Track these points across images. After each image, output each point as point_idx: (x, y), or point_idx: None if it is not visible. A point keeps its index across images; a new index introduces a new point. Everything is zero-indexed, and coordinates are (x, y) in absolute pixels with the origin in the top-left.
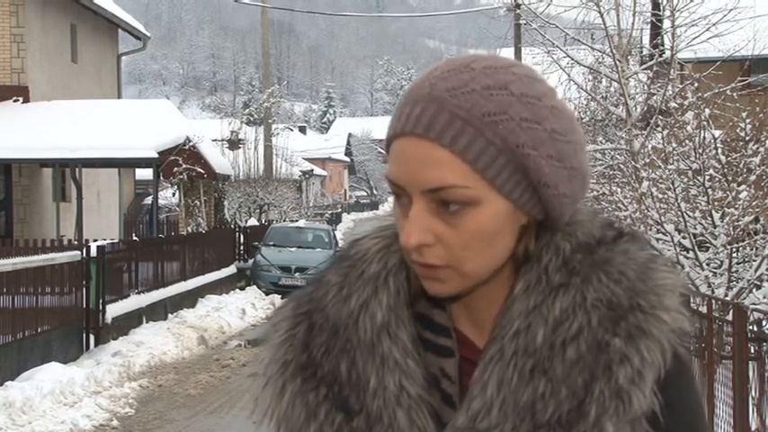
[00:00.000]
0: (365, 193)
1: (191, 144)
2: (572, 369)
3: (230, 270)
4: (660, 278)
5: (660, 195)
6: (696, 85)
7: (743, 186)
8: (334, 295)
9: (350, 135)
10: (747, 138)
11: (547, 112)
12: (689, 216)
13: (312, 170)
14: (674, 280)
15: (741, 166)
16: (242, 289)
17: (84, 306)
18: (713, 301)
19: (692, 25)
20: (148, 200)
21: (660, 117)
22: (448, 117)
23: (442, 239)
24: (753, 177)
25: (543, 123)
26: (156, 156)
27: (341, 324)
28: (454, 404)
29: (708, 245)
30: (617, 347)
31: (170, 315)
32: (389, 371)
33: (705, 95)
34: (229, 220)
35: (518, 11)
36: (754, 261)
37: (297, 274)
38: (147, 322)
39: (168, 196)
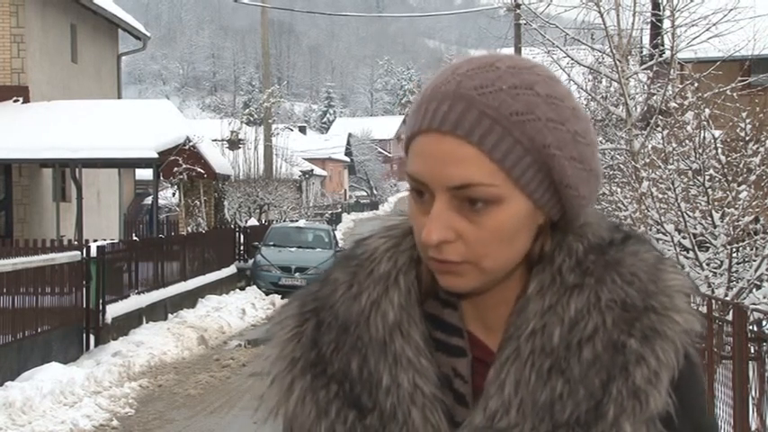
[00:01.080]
0: (365, 193)
1: (191, 144)
2: (589, 369)
3: (230, 270)
4: (669, 279)
5: (660, 195)
6: (696, 85)
7: (743, 186)
8: (343, 293)
9: (350, 135)
10: (747, 138)
11: (569, 114)
12: (689, 216)
13: (312, 170)
14: (683, 281)
15: (741, 166)
16: (242, 289)
17: (85, 306)
18: (713, 301)
19: (692, 25)
20: (148, 200)
21: (660, 117)
22: (477, 115)
23: (463, 236)
24: (753, 177)
25: (566, 124)
26: (156, 156)
27: (351, 322)
28: (467, 404)
29: (708, 245)
30: (633, 348)
31: (170, 315)
32: (403, 369)
33: (705, 95)
34: (229, 220)
35: (518, 11)
36: (754, 261)
37: (297, 274)
38: (147, 322)
39: (168, 196)
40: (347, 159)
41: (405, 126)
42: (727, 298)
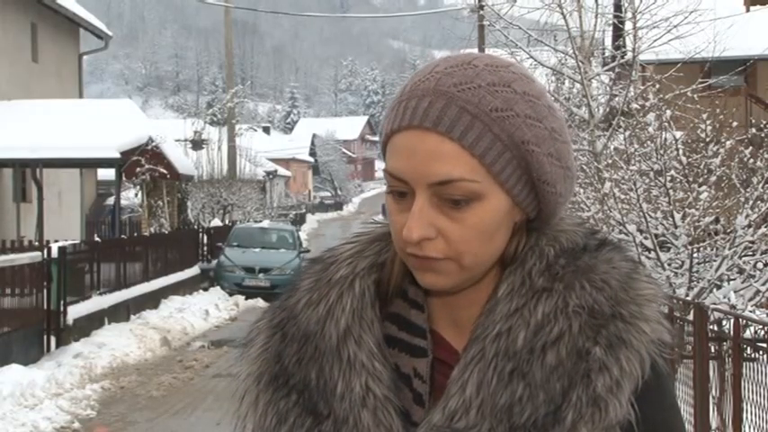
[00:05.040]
0: (329, 194)
1: (153, 144)
2: (551, 375)
3: (194, 271)
4: (642, 288)
5: (622, 196)
6: (657, 86)
7: (703, 187)
8: (306, 302)
9: (314, 135)
10: (708, 139)
11: (546, 111)
12: (650, 216)
13: (276, 171)
14: (655, 291)
15: (702, 166)
16: (205, 290)
17: (46, 307)
18: (674, 301)
19: (654, 27)
20: (111, 200)
21: (622, 118)
22: (457, 111)
23: (444, 233)
24: (713, 178)
25: (544, 122)
26: (119, 156)
27: (310, 331)
28: (424, 403)
29: (669, 245)
30: (597, 356)
31: (132, 316)
32: (356, 374)
33: (666, 97)
34: (193, 220)
35: (482, 12)
36: (715, 261)
37: (261, 275)
38: (109, 323)
39: (131, 197)
40: (311, 160)
41: (382, 124)
42: (688, 298)
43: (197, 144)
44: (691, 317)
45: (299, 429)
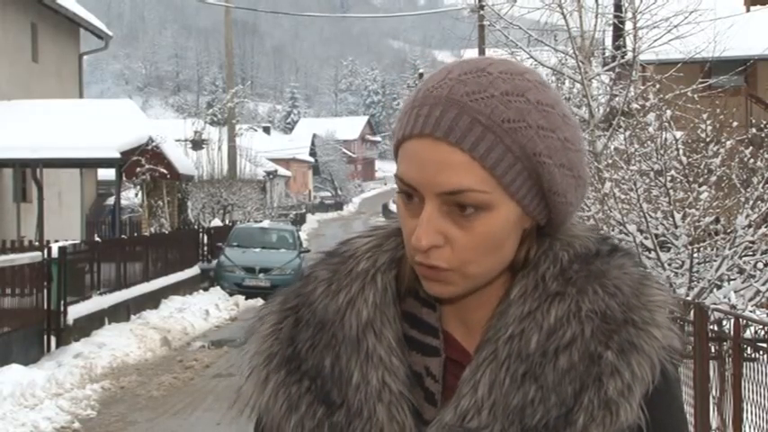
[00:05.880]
0: (330, 194)
1: (153, 144)
2: (563, 377)
3: (194, 271)
4: (653, 294)
5: (622, 196)
6: (658, 86)
7: (704, 187)
8: (323, 291)
9: (314, 135)
10: (708, 139)
11: (560, 121)
12: (651, 216)
13: (276, 171)
14: (666, 297)
15: (702, 166)
16: (205, 290)
17: (46, 307)
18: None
19: (654, 27)
20: (111, 200)
21: (622, 118)
22: (468, 122)
23: (452, 242)
24: (713, 178)
25: (557, 132)
26: (119, 156)
27: (327, 320)
28: (436, 402)
29: (669, 245)
30: (609, 360)
31: (133, 316)
32: (373, 367)
33: (666, 97)
34: (193, 220)
35: (482, 12)
36: (715, 261)
37: (261, 275)
38: (109, 323)
39: (131, 197)
40: (311, 160)
41: (395, 127)
42: (689, 298)
43: (197, 144)
44: (691, 317)
45: (311, 420)
